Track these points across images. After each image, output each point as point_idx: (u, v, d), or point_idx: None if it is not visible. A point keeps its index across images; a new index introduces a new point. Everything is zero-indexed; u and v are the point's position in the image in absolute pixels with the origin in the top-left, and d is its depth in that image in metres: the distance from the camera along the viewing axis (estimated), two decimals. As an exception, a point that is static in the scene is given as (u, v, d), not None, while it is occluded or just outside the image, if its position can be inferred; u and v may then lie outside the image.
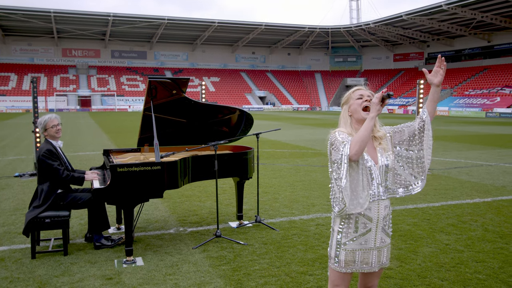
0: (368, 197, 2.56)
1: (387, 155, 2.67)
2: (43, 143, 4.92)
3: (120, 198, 4.51)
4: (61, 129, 5.01)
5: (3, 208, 6.86)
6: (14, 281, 4.10)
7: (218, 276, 4.24)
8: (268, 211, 6.68)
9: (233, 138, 5.84)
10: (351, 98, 2.71)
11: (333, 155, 2.58)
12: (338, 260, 2.64)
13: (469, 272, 4.29)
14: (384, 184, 2.65)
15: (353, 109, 2.66)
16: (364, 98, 2.65)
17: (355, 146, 2.47)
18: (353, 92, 2.72)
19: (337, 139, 2.57)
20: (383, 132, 2.71)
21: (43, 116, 5.04)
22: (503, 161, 12.28)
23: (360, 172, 2.56)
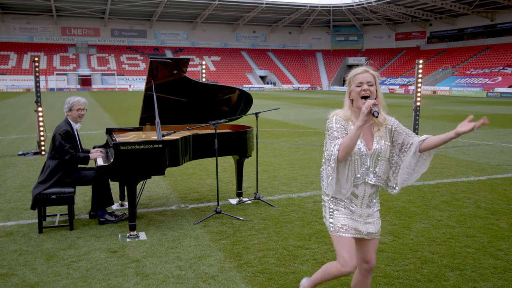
0: (351, 187, 2.69)
1: (382, 143, 2.73)
2: (63, 122, 5.06)
3: (123, 175, 4.67)
4: (84, 115, 5.17)
5: (9, 185, 7.03)
6: (23, 254, 4.29)
7: (218, 249, 4.42)
8: (267, 188, 6.85)
9: (233, 117, 5.96)
10: (352, 82, 2.74)
11: (327, 143, 2.71)
12: (333, 225, 2.77)
13: (459, 246, 4.47)
14: (373, 170, 2.73)
15: (353, 95, 2.72)
16: (363, 87, 2.67)
17: (342, 152, 2.58)
18: (353, 76, 2.73)
19: (332, 128, 2.70)
20: (383, 118, 2.74)
21: (73, 97, 5.17)
22: (501, 140, 12.41)
23: (347, 166, 2.67)
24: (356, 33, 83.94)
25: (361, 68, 2.74)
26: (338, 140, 2.62)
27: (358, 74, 2.71)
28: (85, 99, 5.24)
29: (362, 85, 2.68)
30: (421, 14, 68.80)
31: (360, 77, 2.70)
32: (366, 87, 2.67)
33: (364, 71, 2.72)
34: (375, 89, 2.70)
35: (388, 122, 2.77)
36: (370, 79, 2.69)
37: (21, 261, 4.13)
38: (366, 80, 2.69)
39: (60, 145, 4.90)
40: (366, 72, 2.71)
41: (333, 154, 2.61)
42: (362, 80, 2.69)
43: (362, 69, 2.73)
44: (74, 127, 5.15)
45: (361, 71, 2.72)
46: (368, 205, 2.79)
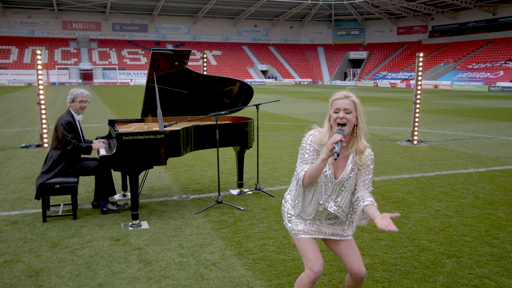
0: (313, 211, 2.67)
1: (352, 174, 2.64)
2: (65, 113, 5.13)
3: (126, 165, 4.74)
4: (86, 107, 5.23)
5: (12, 176, 7.12)
6: (28, 242, 4.37)
7: (219, 238, 4.50)
8: (268, 180, 6.92)
9: (234, 109, 6.02)
10: (331, 107, 2.61)
11: (298, 162, 2.66)
12: (292, 228, 2.73)
13: (456, 235, 4.54)
14: (335, 198, 2.67)
15: (332, 120, 2.60)
16: (339, 114, 2.54)
17: (306, 180, 2.55)
18: (332, 101, 2.60)
19: (305, 149, 2.63)
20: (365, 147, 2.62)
21: (76, 88, 5.24)
22: (501, 133, 12.46)
23: (312, 191, 2.64)
24: (357, 27, 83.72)
25: (342, 93, 2.59)
26: (306, 165, 2.58)
27: (337, 99, 2.58)
28: (88, 92, 5.31)
29: (339, 111, 2.55)
30: (423, 8, 68.56)
31: (338, 102, 2.57)
32: (342, 114, 2.53)
33: (343, 97, 2.57)
34: (354, 117, 2.55)
35: (365, 158, 2.64)
36: (348, 106, 2.54)
37: (26, 248, 4.21)
38: (344, 107, 2.54)
39: (62, 136, 4.97)
40: (345, 98, 2.56)
41: (299, 179, 2.60)
42: (339, 106, 2.55)
43: (342, 95, 2.58)
44: (76, 118, 5.22)
45: (340, 97, 2.58)
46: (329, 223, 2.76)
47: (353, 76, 77.15)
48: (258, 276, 3.63)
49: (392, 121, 15.74)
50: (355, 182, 2.66)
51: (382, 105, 24.33)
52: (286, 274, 3.67)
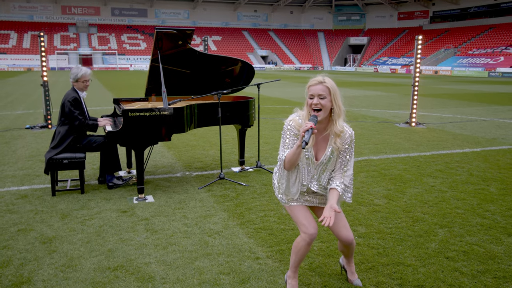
0: (298, 191, 2.81)
1: (334, 155, 2.73)
2: (71, 91, 5.29)
3: (132, 140, 4.91)
4: (89, 85, 5.39)
5: (19, 155, 7.29)
6: (39, 213, 4.56)
7: (222, 210, 4.69)
8: (268, 158, 7.10)
9: (236, 88, 6.17)
10: (306, 91, 2.67)
11: (280, 145, 2.78)
12: (283, 198, 2.89)
13: (450, 208, 4.73)
14: (317, 178, 2.79)
15: (307, 105, 2.66)
16: (314, 100, 2.60)
17: (287, 164, 2.69)
18: (308, 87, 2.66)
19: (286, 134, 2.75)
20: (341, 130, 2.67)
21: (79, 67, 5.36)
22: (498, 116, 12.62)
23: (295, 173, 2.78)
24: (358, 12, 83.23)
25: (317, 78, 2.64)
26: (287, 150, 2.69)
27: (312, 85, 2.63)
28: (91, 71, 5.46)
29: (313, 97, 2.61)
30: (424, -7, 68.10)
31: (312, 89, 2.62)
32: (316, 100, 2.59)
33: (317, 82, 2.62)
34: (328, 101, 2.60)
35: (345, 140, 2.71)
36: (322, 92, 2.59)
37: (38, 219, 4.41)
38: (318, 92, 2.60)
39: (70, 111, 5.13)
40: (319, 84, 2.61)
41: (281, 163, 2.75)
42: (313, 92, 2.61)
43: (316, 81, 2.63)
44: (81, 95, 5.37)
45: (314, 83, 2.63)
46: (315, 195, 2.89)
47: (353, 61, 76.94)
48: (260, 243, 3.83)
49: (391, 105, 15.88)
50: (335, 161, 2.77)
51: (381, 90, 24.43)
52: (286, 241, 3.87)
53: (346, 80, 35.42)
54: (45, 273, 3.28)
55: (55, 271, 3.32)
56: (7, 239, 3.90)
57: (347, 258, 3.13)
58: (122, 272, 3.32)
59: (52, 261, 3.48)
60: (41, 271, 3.31)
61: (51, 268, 3.36)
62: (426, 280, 3.17)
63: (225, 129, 9.70)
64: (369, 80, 36.68)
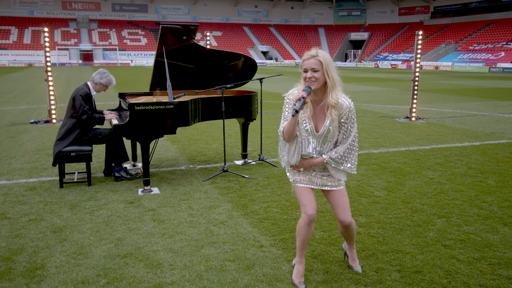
0: (298, 159, 2.91)
1: (333, 125, 2.81)
2: (84, 85, 5.44)
3: (138, 133, 5.03)
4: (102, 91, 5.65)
5: (26, 148, 7.42)
6: (48, 204, 4.69)
7: (226, 201, 4.82)
8: (271, 152, 7.22)
9: (239, 83, 6.28)
10: (301, 66, 2.78)
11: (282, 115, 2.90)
12: (291, 178, 3.03)
13: (448, 199, 4.86)
14: (319, 149, 2.89)
15: (302, 79, 2.78)
16: (307, 74, 2.72)
17: (285, 135, 2.82)
18: (302, 61, 2.77)
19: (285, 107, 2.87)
20: (336, 102, 2.76)
21: (109, 74, 5.57)
22: (498, 111, 12.72)
23: (294, 144, 2.89)
24: (359, 8, 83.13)
25: (310, 52, 2.73)
26: (286, 122, 2.81)
27: (305, 60, 2.74)
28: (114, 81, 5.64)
29: (307, 71, 2.73)
30: (425, -11, 68.00)
31: (306, 63, 2.73)
32: (310, 74, 2.70)
33: (310, 56, 2.71)
34: (321, 74, 2.70)
35: (342, 111, 2.79)
36: (315, 66, 2.69)
37: (47, 209, 4.53)
38: (311, 66, 2.70)
39: (80, 105, 5.26)
40: (312, 58, 2.70)
41: (280, 134, 2.89)
42: (307, 66, 2.72)
43: (309, 55, 2.72)
44: (92, 93, 5.51)
45: (307, 57, 2.72)
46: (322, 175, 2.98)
47: (354, 57, 76.91)
48: (264, 233, 3.96)
49: (392, 100, 15.98)
50: (337, 133, 2.86)
51: (382, 85, 24.51)
52: (289, 230, 3.99)
53: (347, 76, 35.48)
54: (58, 260, 3.41)
55: (67, 258, 3.45)
56: (19, 228, 4.03)
57: (348, 243, 3.27)
58: (132, 259, 3.44)
59: (64, 249, 3.61)
60: (54, 258, 3.44)
61: (63, 255, 3.49)
62: (424, 267, 3.30)
63: (227, 123, 9.82)
64: (370, 75, 36.74)
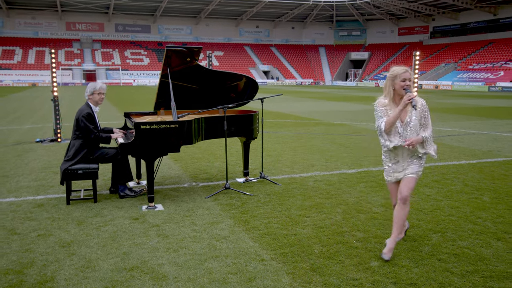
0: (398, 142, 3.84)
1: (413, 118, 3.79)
2: (85, 106, 5.62)
3: (143, 151, 5.21)
4: (104, 98, 5.73)
5: (32, 167, 7.60)
6: (56, 220, 4.85)
7: (228, 217, 4.96)
8: (271, 170, 7.39)
9: (241, 102, 6.48)
10: (398, 77, 3.75)
11: (375, 117, 3.91)
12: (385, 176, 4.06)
13: (444, 215, 5.00)
14: (404, 137, 3.82)
15: (397, 87, 3.76)
16: (406, 83, 3.73)
17: (386, 126, 3.80)
18: (400, 74, 3.75)
19: (377, 109, 3.88)
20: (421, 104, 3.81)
21: (94, 82, 5.77)
22: (496, 130, 12.90)
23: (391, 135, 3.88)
24: (359, 28, 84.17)
25: (403, 68, 3.78)
26: (383, 118, 3.81)
27: (403, 73, 3.77)
28: (105, 85, 5.82)
29: (405, 80, 3.74)
30: (424, 9, 68.97)
31: (404, 75, 3.76)
32: (408, 82, 3.74)
33: (406, 70, 3.77)
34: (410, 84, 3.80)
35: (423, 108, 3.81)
36: (409, 77, 3.76)
37: (55, 225, 4.69)
38: (408, 77, 3.75)
39: (85, 126, 5.45)
40: (407, 72, 3.77)
41: (380, 128, 3.84)
42: (405, 77, 3.75)
43: (404, 69, 3.77)
44: (94, 110, 5.70)
45: (404, 71, 3.76)
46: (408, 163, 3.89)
47: (355, 76, 77.57)
48: (265, 247, 4.10)
49: (391, 119, 16.17)
50: (418, 124, 3.81)
51: (382, 104, 24.73)
52: (289, 245, 4.13)
53: (347, 95, 35.82)
54: (67, 273, 3.56)
55: (75, 271, 3.60)
56: (28, 243, 4.18)
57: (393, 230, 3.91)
58: (138, 272, 3.58)
59: (72, 263, 3.75)
60: (63, 271, 3.59)
61: (72, 269, 3.63)
62: (418, 279, 3.43)
63: (229, 141, 10.00)
64: (370, 94, 37.06)
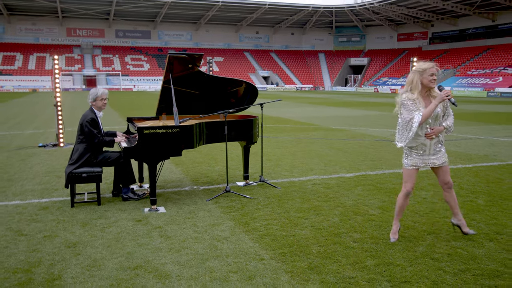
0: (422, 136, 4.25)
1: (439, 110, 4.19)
2: (88, 111, 5.77)
3: (146, 155, 5.35)
4: (106, 103, 5.88)
5: (36, 171, 7.74)
6: (61, 222, 4.98)
7: (229, 219, 5.10)
8: (271, 174, 7.53)
9: (241, 108, 6.64)
10: (426, 72, 4.06)
11: (403, 112, 4.16)
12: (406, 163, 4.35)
13: (439, 217, 5.14)
14: (432, 125, 4.23)
15: (425, 82, 4.08)
16: (433, 77, 4.07)
17: (423, 119, 4.09)
18: (429, 68, 4.07)
19: (407, 104, 4.13)
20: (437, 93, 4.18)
21: (96, 88, 5.91)
22: (493, 135, 13.05)
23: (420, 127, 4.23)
24: (358, 33, 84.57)
25: (431, 63, 4.11)
26: (417, 111, 4.10)
27: (431, 68, 4.10)
28: (107, 90, 5.98)
29: (433, 75, 4.10)
30: (423, 15, 69.40)
31: (432, 70, 4.11)
32: (435, 77, 4.12)
33: (433, 66, 4.10)
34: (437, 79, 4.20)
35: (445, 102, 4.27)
36: (436, 72, 4.12)
37: (61, 227, 4.82)
38: (435, 72, 4.11)
39: (89, 131, 5.60)
40: (434, 67, 4.11)
41: (414, 122, 4.08)
42: (433, 72, 4.10)
43: (432, 64, 4.10)
44: (98, 115, 5.85)
45: (431, 66, 4.10)
46: (435, 150, 4.30)
47: (354, 82, 77.87)
48: (264, 247, 4.23)
49: (390, 124, 16.34)
50: (442, 115, 4.25)
51: (381, 109, 24.95)
52: (288, 245, 4.27)
53: (347, 100, 36.01)
54: (73, 272, 3.69)
55: (82, 270, 3.73)
56: (35, 244, 4.32)
57: (454, 211, 4.42)
58: (142, 271, 3.72)
59: (78, 262, 3.89)
60: (69, 270, 3.72)
61: (78, 268, 3.77)
62: (412, 277, 3.57)
63: (230, 146, 10.16)
64: (370, 100, 37.27)
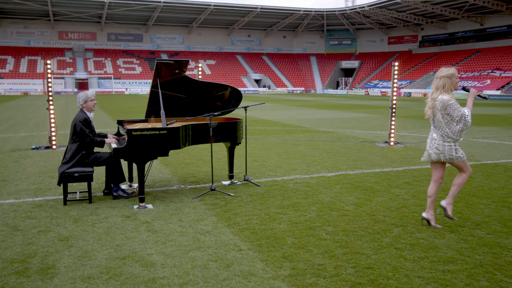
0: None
1: None
2: (80, 112, 6.09)
3: (135, 156, 5.68)
4: (95, 104, 6.22)
5: (29, 172, 8.03)
6: (54, 218, 5.30)
7: (212, 215, 5.44)
8: (256, 173, 7.88)
9: (226, 110, 6.99)
10: (454, 76, 4.70)
11: (453, 112, 4.69)
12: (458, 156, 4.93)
13: (408, 212, 5.52)
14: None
15: (454, 84, 4.73)
16: (458, 80, 4.76)
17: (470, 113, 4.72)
18: (456, 73, 4.73)
19: (453, 103, 4.66)
20: None
21: (85, 91, 6.25)
22: (473, 136, 13.50)
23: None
24: (349, 37, 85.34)
25: (455, 68, 4.74)
26: (464, 108, 4.68)
27: (456, 72, 4.76)
28: (93, 91, 6.32)
29: (457, 78, 4.77)
30: (413, 19, 70.25)
31: (457, 74, 4.77)
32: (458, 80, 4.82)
33: (456, 70, 4.75)
34: None
35: None
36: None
37: (54, 223, 5.14)
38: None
39: (81, 130, 5.92)
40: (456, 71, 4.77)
41: (467, 115, 4.67)
42: (457, 75, 4.78)
43: (455, 69, 4.74)
44: (89, 116, 6.18)
45: (456, 71, 4.74)
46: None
47: (345, 84, 78.54)
48: (243, 240, 4.58)
49: (376, 126, 16.77)
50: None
51: (370, 112, 25.41)
52: (265, 238, 4.62)
53: (337, 103, 36.49)
54: (66, 262, 4.02)
55: (74, 260, 4.06)
56: (30, 238, 4.63)
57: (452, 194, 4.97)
58: (129, 260, 4.05)
59: (71, 253, 4.21)
60: (63, 260, 4.05)
61: (71, 258, 4.09)
62: (375, 264, 3.93)
63: (217, 147, 10.50)
64: (360, 102, 37.79)
